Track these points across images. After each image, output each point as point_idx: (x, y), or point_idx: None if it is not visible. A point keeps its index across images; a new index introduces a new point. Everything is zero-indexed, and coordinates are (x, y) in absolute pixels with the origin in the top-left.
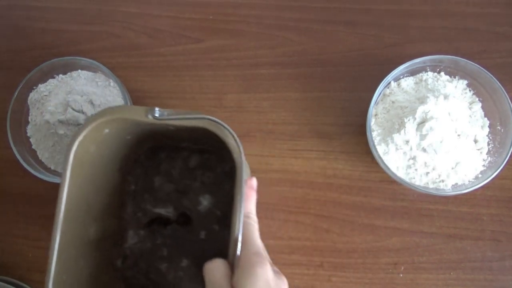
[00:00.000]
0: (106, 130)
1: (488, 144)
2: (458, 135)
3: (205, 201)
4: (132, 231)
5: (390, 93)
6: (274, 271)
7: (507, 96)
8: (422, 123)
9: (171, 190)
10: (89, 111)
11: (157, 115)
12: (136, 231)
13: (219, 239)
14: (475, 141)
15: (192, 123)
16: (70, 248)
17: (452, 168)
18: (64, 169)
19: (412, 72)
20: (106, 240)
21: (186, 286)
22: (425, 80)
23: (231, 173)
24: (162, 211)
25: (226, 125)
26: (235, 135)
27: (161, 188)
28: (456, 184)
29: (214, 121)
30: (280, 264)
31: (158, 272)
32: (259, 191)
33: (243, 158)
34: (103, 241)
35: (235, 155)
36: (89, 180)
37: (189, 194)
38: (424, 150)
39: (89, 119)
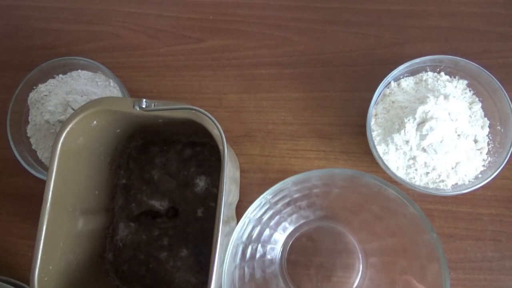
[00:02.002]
0: (94, 122)
1: (488, 144)
2: (458, 135)
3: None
4: (123, 224)
5: (390, 93)
6: None
7: (507, 96)
8: (422, 123)
9: (169, 182)
10: None
11: (144, 106)
12: (127, 223)
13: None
14: (475, 141)
15: (179, 114)
16: (57, 239)
17: (452, 168)
18: (51, 161)
19: (412, 72)
20: (96, 233)
21: (182, 277)
22: (425, 80)
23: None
24: (156, 204)
25: (210, 115)
26: (218, 125)
27: (158, 181)
28: (456, 184)
29: (199, 111)
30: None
31: (156, 261)
32: (259, 192)
33: (226, 148)
34: (92, 233)
35: (219, 145)
36: (78, 172)
37: (186, 184)
38: (424, 150)
39: (76, 111)
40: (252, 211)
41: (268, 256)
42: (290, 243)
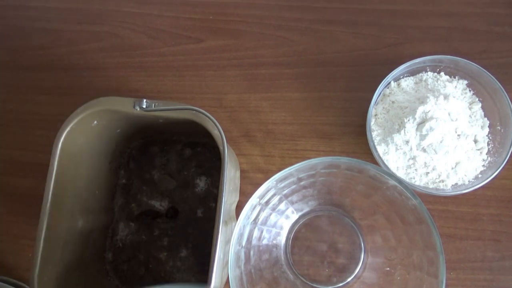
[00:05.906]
0: (95, 122)
1: (488, 144)
2: (458, 135)
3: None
4: (123, 224)
5: (390, 93)
6: None
7: (507, 96)
8: (422, 123)
9: (169, 182)
10: None
11: (144, 106)
12: (127, 223)
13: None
14: (475, 141)
15: (179, 114)
16: (57, 239)
17: (452, 168)
18: (51, 161)
19: (412, 72)
20: (96, 233)
21: (182, 277)
22: (425, 80)
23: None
24: (156, 204)
25: (210, 116)
26: (218, 125)
27: (158, 181)
28: (456, 184)
29: (199, 111)
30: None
31: (156, 262)
32: None
33: (226, 148)
34: (92, 233)
35: (219, 145)
36: (78, 172)
37: (187, 184)
38: (424, 150)
39: (77, 111)
40: (260, 194)
41: (273, 241)
42: (295, 230)
